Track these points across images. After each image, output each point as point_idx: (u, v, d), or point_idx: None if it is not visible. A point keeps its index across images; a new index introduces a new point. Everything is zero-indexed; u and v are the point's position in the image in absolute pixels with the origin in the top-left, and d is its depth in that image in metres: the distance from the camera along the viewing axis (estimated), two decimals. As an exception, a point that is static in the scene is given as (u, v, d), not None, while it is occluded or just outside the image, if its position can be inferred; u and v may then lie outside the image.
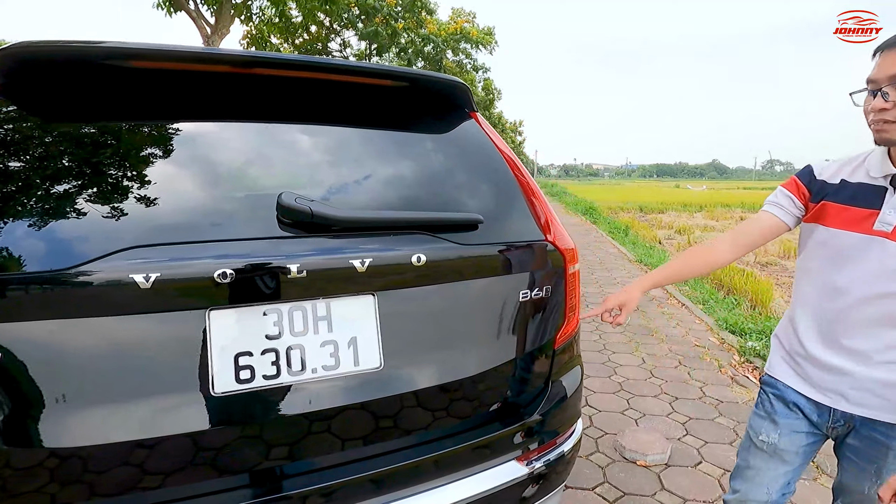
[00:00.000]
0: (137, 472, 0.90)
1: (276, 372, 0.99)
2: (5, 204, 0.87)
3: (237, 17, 8.53)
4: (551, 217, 1.41)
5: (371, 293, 1.09)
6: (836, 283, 1.12)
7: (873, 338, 1.08)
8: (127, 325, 0.89)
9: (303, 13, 10.27)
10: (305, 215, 0.99)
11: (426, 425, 1.15)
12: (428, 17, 14.33)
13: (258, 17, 9.67)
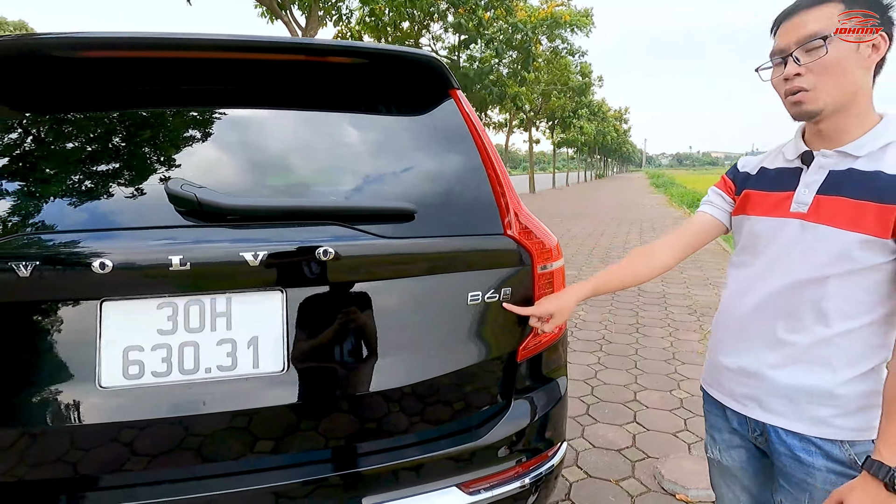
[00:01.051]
0: (19, 462, 0.90)
1: (167, 369, 0.94)
2: None
3: (327, 17, 8.95)
4: (519, 209, 1.21)
5: (279, 289, 0.99)
6: (752, 274, 1.01)
7: (792, 332, 0.94)
8: (7, 312, 0.89)
9: (390, 10, 10.49)
10: (192, 203, 0.93)
11: (338, 440, 1.04)
12: (519, 3, 13.91)
13: (347, 17, 10.06)
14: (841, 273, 0.89)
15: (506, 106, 16.25)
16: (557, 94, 20.25)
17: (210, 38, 1.04)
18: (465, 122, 1.29)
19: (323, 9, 8.59)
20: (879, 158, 0.87)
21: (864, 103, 0.88)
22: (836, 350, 0.91)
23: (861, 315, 0.89)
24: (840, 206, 0.88)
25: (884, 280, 0.88)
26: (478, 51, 14.03)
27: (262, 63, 1.13)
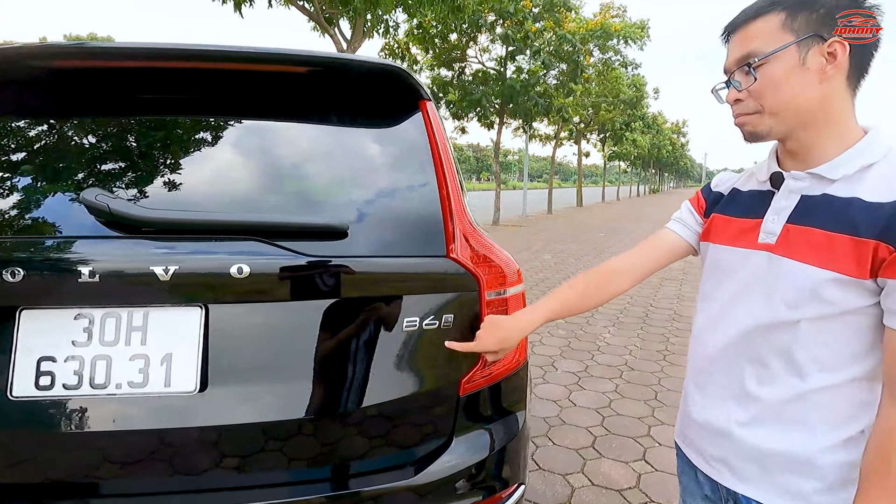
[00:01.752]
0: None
1: (78, 382, 0.92)
2: None
3: (373, 29, 9.16)
4: (470, 230, 1.11)
5: (199, 306, 0.96)
6: (717, 312, 0.88)
7: (761, 384, 0.81)
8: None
9: (438, 22, 10.62)
10: (105, 214, 0.91)
11: (251, 470, 0.98)
12: (569, 15, 13.70)
13: (394, 29, 10.25)
14: (814, 317, 0.75)
15: (552, 118, 15.99)
16: (608, 107, 19.73)
17: (146, 48, 1.03)
18: (427, 137, 1.22)
19: (369, 22, 8.79)
20: (857, 182, 0.74)
21: (836, 118, 0.76)
22: (814, 408, 0.77)
23: (843, 367, 0.75)
24: (810, 238, 0.75)
25: (868, 327, 0.73)
26: (525, 62, 13.91)
27: (206, 72, 1.11)
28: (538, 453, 2.45)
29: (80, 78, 1.10)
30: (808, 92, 0.74)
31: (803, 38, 0.73)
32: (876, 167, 0.74)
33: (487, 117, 14.49)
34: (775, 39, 0.74)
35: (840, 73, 0.73)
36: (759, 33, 0.76)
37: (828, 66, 0.72)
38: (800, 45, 0.73)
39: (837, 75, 0.73)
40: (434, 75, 14.23)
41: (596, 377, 3.43)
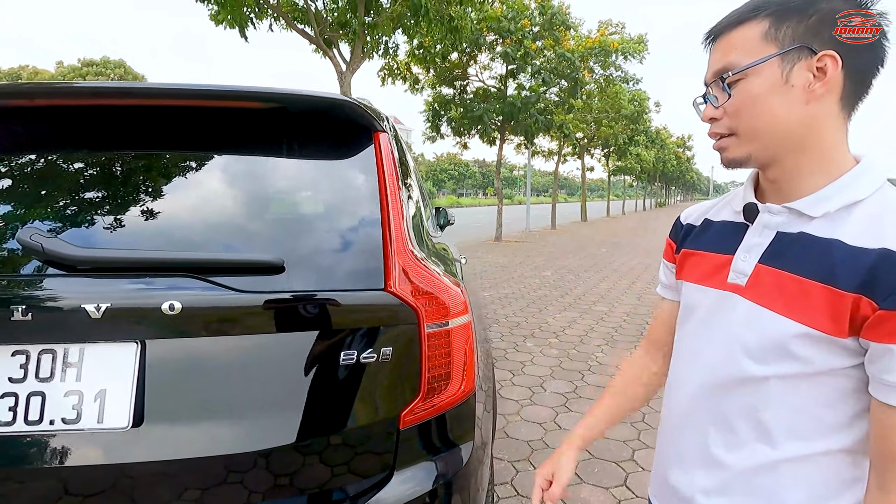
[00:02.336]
0: None
1: (13, 418, 0.93)
2: None
3: (372, 51, 9.32)
4: (410, 262, 1.12)
5: (134, 341, 0.97)
6: (685, 359, 0.79)
7: (728, 449, 0.70)
8: None
9: (438, 43, 10.79)
10: (38, 252, 0.93)
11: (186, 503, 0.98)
12: (568, 33, 13.86)
13: (394, 51, 10.44)
14: (784, 375, 0.64)
15: (553, 134, 16.09)
16: (609, 123, 19.82)
17: (84, 87, 1.07)
18: (376, 169, 1.24)
19: (368, 44, 8.95)
20: (840, 222, 0.63)
21: (823, 146, 0.65)
22: (787, 481, 0.66)
23: (820, 437, 0.64)
24: (782, 284, 0.65)
25: (849, 391, 0.62)
26: (526, 79, 14.05)
27: (149, 109, 1.14)
28: (517, 478, 2.42)
29: (17, 117, 1.14)
30: (792, 113, 0.63)
31: (788, 49, 0.62)
32: (863, 205, 0.62)
33: (489, 134, 14.61)
34: (756, 51, 0.64)
35: (831, 93, 0.63)
36: (739, 43, 0.65)
37: (816, 84, 0.62)
38: (783, 59, 0.62)
39: (828, 95, 0.62)
40: (436, 93, 14.42)
41: (585, 398, 3.39)
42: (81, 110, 1.13)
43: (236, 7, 7.89)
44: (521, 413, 3.14)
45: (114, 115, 1.15)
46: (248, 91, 1.20)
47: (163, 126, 1.21)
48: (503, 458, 2.60)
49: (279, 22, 8.71)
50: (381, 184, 1.21)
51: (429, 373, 1.10)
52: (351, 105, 1.27)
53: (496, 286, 7.49)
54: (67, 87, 1.06)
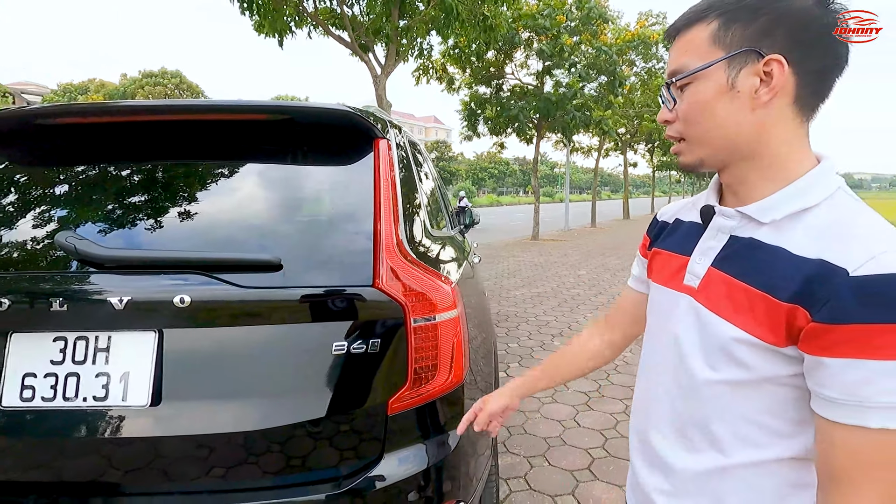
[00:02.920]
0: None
1: (53, 395, 1.09)
2: None
3: (406, 53, 9.48)
4: (398, 262, 1.21)
5: (153, 330, 1.11)
6: (646, 363, 0.81)
7: (682, 451, 0.71)
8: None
9: (469, 43, 10.85)
10: (72, 252, 1.08)
11: (196, 476, 1.10)
12: (606, 26, 13.57)
13: (428, 52, 10.57)
14: (731, 381, 0.64)
15: (593, 130, 15.78)
16: (651, 117, 19.20)
17: (123, 105, 1.22)
18: (373, 175, 1.34)
19: (403, 46, 9.12)
20: (787, 229, 0.61)
21: (775, 151, 0.63)
22: (739, 486, 0.66)
23: (769, 444, 0.63)
24: (729, 289, 0.64)
25: (793, 399, 0.61)
26: (563, 76, 13.87)
27: (168, 124, 1.29)
28: (531, 473, 2.46)
29: (59, 134, 1.32)
30: (738, 120, 0.62)
31: (733, 53, 0.61)
32: (812, 212, 0.61)
33: (525, 132, 14.53)
34: (704, 54, 0.63)
35: (782, 97, 0.60)
36: (690, 45, 0.64)
37: (762, 89, 0.60)
38: (730, 63, 0.61)
39: (777, 100, 0.60)
40: (472, 92, 14.46)
41: (607, 398, 3.38)
42: (107, 127, 1.29)
43: (277, 17, 8.24)
44: (541, 410, 3.17)
45: (134, 130, 1.31)
46: (257, 105, 1.32)
47: (177, 139, 1.36)
48: (518, 454, 2.65)
49: (317, 29, 9.01)
50: (376, 187, 1.31)
51: (416, 363, 1.18)
52: (351, 115, 1.37)
53: (529, 284, 7.47)
54: (96, 107, 1.23)
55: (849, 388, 0.53)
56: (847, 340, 0.52)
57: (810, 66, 0.60)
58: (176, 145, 1.37)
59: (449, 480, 1.24)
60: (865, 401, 0.52)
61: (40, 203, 1.26)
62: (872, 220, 0.58)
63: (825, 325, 0.54)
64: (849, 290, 0.52)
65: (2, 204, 1.29)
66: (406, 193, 1.46)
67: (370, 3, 8.77)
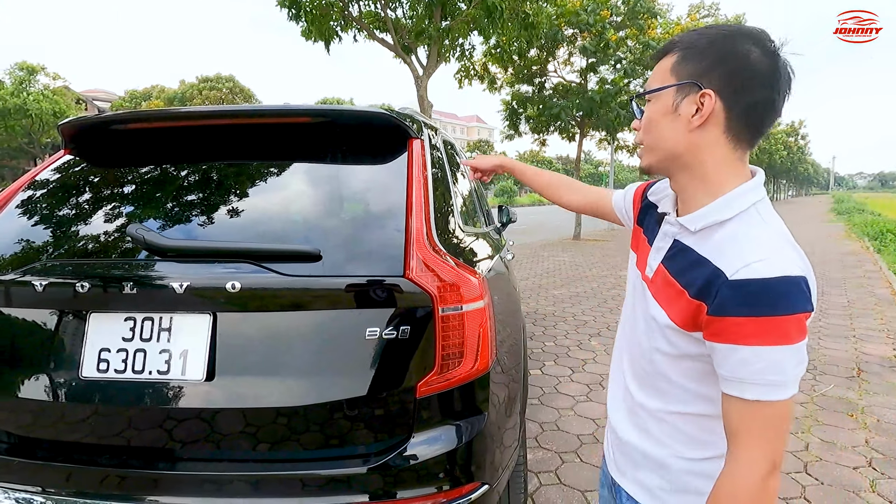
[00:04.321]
0: (31, 419, 1.26)
1: (124, 368, 1.23)
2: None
3: (448, 53, 9.59)
4: (428, 254, 1.28)
5: (209, 312, 1.23)
6: (623, 318, 0.99)
7: (638, 390, 0.90)
8: (31, 314, 1.27)
9: (511, 41, 10.83)
10: (141, 242, 1.22)
11: (244, 444, 1.22)
12: (653, 20, 13.16)
13: (470, 52, 10.63)
14: (665, 353, 0.81)
15: (638, 128, 15.33)
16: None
17: (182, 111, 1.36)
18: (406, 172, 1.42)
19: (445, 47, 9.23)
20: (707, 238, 0.75)
21: (706, 169, 0.76)
22: (670, 428, 0.84)
23: (692, 402, 0.81)
24: (668, 284, 0.80)
25: (708, 372, 0.76)
26: (608, 72, 13.58)
27: (225, 128, 1.42)
28: (563, 468, 2.49)
29: (129, 138, 1.49)
30: (677, 137, 0.76)
31: (680, 83, 0.74)
32: (725, 225, 0.73)
33: (568, 130, 14.32)
34: (663, 79, 0.77)
35: (714, 126, 0.73)
36: (658, 70, 0.79)
37: (696, 116, 0.73)
38: (678, 90, 0.74)
39: (710, 126, 0.73)
40: (514, 91, 14.40)
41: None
42: (169, 131, 1.45)
43: (324, 22, 8.55)
44: (574, 408, 3.18)
45: (192, 133, 1.46)
46: (301, 109, 1.43)
47: (229, 141, 1.49)
48: (550, 448, 2.67)
49: (361, 33, 9.26)
50: (409, 184, 1.39)
51: (443, 350, 1.25)
52: (388, 116, 1.47)
53: (568, 284, 7.41)
54: (160, 113, 1.39)
55: (732, 367, 0.68)
56: (726, 329, 0.67)
57: (740, 102, 0.71)
58: (229, 147, 1.51)
59: (475, 463, 1.31)
60: (744, 379, 0.67)
61: (113, 199, 1.43)
62: (765, 234, 0.70)
63: (712, 317, 0.69)
64: (727, 289, 0.67)
65: (82, 200, 1.46)
66: (438, 190, 1.53)
67: (413, 5, 8.94)
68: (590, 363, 4.03)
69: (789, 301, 0.65)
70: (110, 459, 1.25)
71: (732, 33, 0.72)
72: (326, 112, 1.47)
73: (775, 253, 0.67)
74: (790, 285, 0.65)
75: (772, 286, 0.65)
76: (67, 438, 1.27)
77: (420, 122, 1.65)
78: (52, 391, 1.25)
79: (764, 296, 0.65)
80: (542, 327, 5.08)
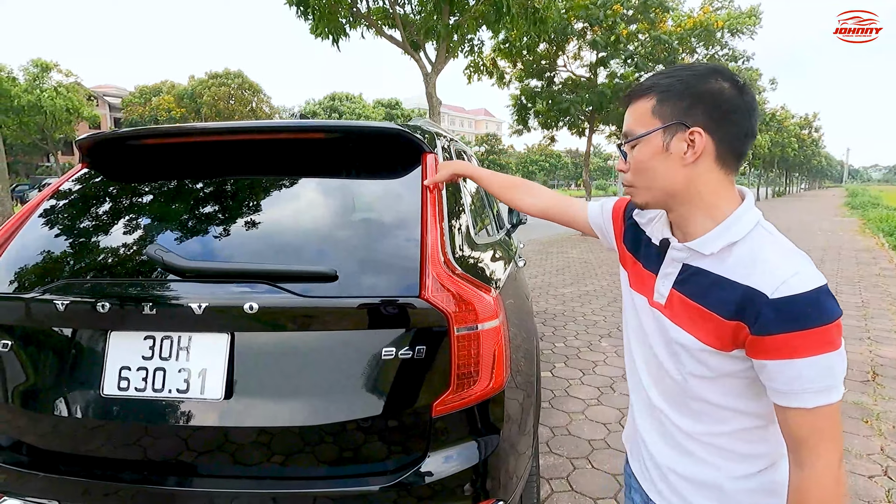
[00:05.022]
0: (53, 434, 1.29)
1: (144, 386, 1.25)
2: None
3: (457, 50, 9.53)
4: (444, 273, 1.28)
5: (227, 332, 1.25)
6: (634, 347, 0.98)
7: (675, 415, 0.90)
8: (53, 332, 1.29)
9: (520, 36, 10.73)
10: (160, 263, 1.23)
11: (262, 461, 1.24)
12: (665, 15, 12.97)
13: (479, 48, 10.56)
14: (698, 375, 0.83)
15: (648, 122, 15.17)
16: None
17: (203, 127, 1.38)
18: (420, 188, 1.42)
19: (454, 44, 9.18)
20: (723, 260, 0.79)
21: (704, 197, 0.80)
22: (714, 449, 0.86)
23: (731, 419, 0.83)
24: (688, 308, 0.82)
25: (746, 386, 0.80)
26: (619, 66, 13.43)
27: (240, 145, 1.43)
28: (574, 475, 2.49)
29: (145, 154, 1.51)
30: (673, 174, 0.80)
31: (667, 125, 0.78)
32: (738, 245, 0.78)
33: (577, 125, 14.20)
34: (647, 122, 0.80)
35: (705, 157, 0.78)
36: (637, 113, 0.82)
37: (689, 152, 0.78)
38: (665, 132, 0.79)
39: (702, 159, 0.78)
40: (523, 86, 14.29)
41: (655, 402, 3.32)
42: (184, 147, 1.48)
43: (332, 19, 8.52)
44: (585, 412, 3.18)
45: (206, 149, 1.48)
46: (315, 125, 1.44)
47: (244, 157, 1.51)
48: (561, 454, 2.68)
49: (370, 30, 9.23)
50: (423, 201, 1.39)
51: (458, 370, 1.25)
52: (400, 132, 1.47)
53: (577, 282, 7.38)
54: (175, 129, 1.42)
55: (788, 381, 0.71)
56: (777, 347, 0.71)
57: (725, 133, 0.77)
58: (243, 163, 1.52)
59: (490, 480, 1.32)
60: (800, 389, 0.71)
61: (130, 215, 1.45)
62: (781, 249, 0.75)
63: (759, 337, 0.72)
64: (771, 309, 0.70)
65: (99, 216, 1.48)
66: (451, 204, 1.53)
67: (421, 0, 8.88)
68: (601, 365, 4.02)
69: (829, 309, 0.70)
70: (130, 475, 1.27)
71: (703, 73, 0.78)
72: (339, 128, 1.47)
73: (801, 266, 0.72)
74: (824, 294, 0.70)
75: (812, 299, 0.69)
76: (88, 454, 1.29)
77: (432, 134, 1.65)
78: (74, 408, 1.28)
79: (809, 309, 0.69)
80: (551, 328, 5.07)
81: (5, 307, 1.33)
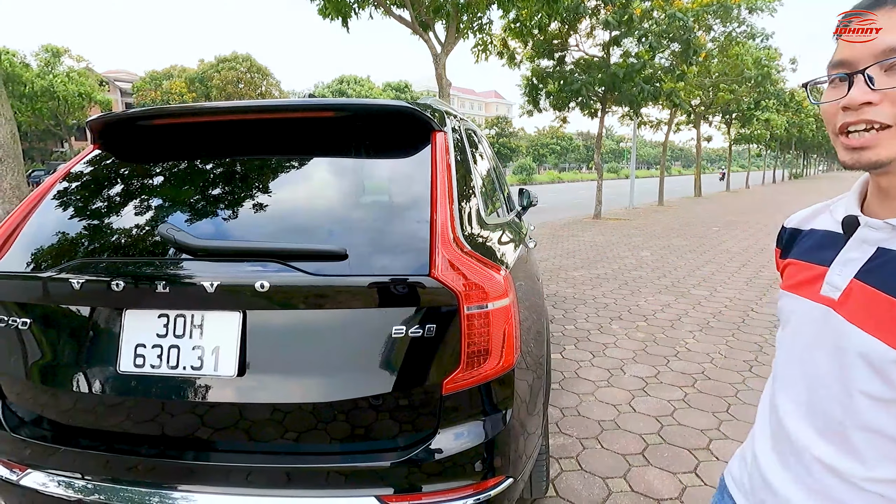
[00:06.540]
0: (72, 410, 1.32)
1: (159, 363, 1.27)
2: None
3: (466, 30, 9.37)
4: (454, 253, 1.27)
5: (239, 310, 1.26)
6: (783, 367, 0.76)
7: (822, 457, 0.66)
8: (70, 310, 1.31)
9: (532, 15, 10.51)
10: (172, 242, 1.24)
11: (274, 437, 1.26)
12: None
13: (488, 27, 10.37)
14: (874, 395, 0.60)
15: (663, 103, 14.91)
16: (726, 87, 17.74)
17: (213, 106, 1.37)
18: (430, 167, 1.41)
19: (463, 23, 9.03)
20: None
21: None
22: (878, 500, 0.62)
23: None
24: (877, 304, 0.60)
25: None
26: (633, 45, 13.13)
27: (250, 124, 1.42)
28: (583, 455, 2.51)
29: (156, 134, 1.51)
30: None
31: None
32: None
33: (589, 106, 13.97)
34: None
35: None
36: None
37: None
38: None
39: None
40: (534, 67, 14.05)
41: (665, 384, 3.32)
42: (195, 126, 1.47)
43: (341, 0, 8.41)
44: (595, 394, 3.19)
45: (218, 129, 1.47)
46: (324, 103, 1.42)
47: (254, 136, 1.50)
48: (571, 434, 2.69)
49: (378, 10, 9.10)
50: (433, 180, 1.38)
51: (468, 348, 1.26)
52: (411, 110, 1.45)
53: (588, 266, 7.34)
54: (185, 108, 1.42)
55: None
56: None
57: None
58: (253, 142, 1.51)
59: (499, 457, 1.33)
60: None
61: (142, 195, 1.46)
62: None
63: None
64: None
65: (111, 197, 1.49)
66: (461, 184, 1.52)
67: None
68: (611, 347, 4.01)
69: None
70: (146, 449, 1.30)
71: None
72: (349, 106, 1.46)
73: None
74: None
75: None
76: (107, 429, 1.32)
77: (442, 113, 1.63)
78: (92, 384, 1.30)
79: None
80: (562, 310, 5.07)
81: (23, 286, 1.36)
